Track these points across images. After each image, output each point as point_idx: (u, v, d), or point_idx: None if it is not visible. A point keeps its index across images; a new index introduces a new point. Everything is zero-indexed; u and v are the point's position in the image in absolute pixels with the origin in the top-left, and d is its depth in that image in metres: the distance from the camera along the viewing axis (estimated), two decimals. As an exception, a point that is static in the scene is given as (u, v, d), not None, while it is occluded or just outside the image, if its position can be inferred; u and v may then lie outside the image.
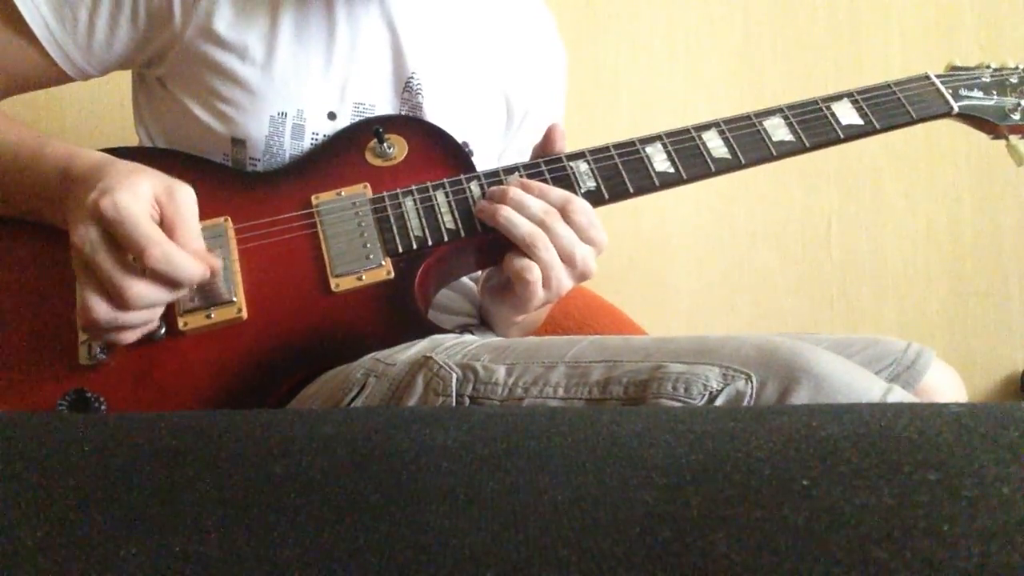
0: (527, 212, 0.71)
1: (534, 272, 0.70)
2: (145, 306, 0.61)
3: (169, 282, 0.61)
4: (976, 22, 1.52)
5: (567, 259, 0.71)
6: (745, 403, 0.52)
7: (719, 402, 0.53)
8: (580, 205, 0.72)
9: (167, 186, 0.63)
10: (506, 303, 0.77)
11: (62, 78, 0.79)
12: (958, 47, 1.52)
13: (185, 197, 0.63)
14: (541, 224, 0.70)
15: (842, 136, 0.79)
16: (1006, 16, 1.52)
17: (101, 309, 0.60)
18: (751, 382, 0.53)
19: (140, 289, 0.60)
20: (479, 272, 0.93)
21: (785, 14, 1.50)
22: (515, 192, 0.72)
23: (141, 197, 0.60)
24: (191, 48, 0.76)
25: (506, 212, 0.71)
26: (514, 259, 0.71)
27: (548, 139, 0.78)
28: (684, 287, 1.50)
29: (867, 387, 0.52)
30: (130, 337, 0.63)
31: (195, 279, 0.62)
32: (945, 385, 0.72)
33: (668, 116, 1.46)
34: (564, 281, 0.71)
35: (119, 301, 0.60)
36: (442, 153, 0.79)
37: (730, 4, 1.49)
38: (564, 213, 0.71)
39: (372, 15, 0.80)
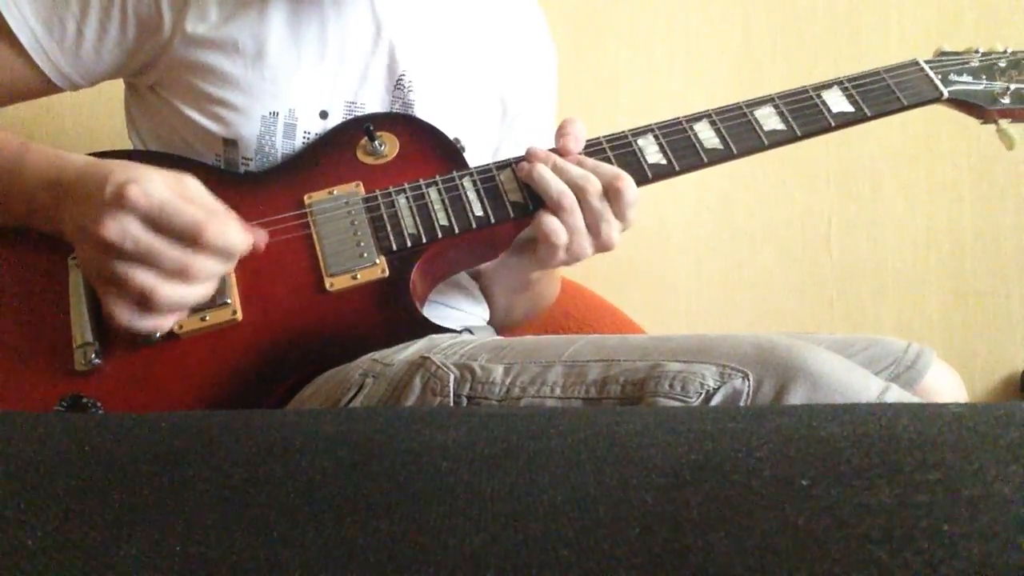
0: (564, 175, 0.73)
1: (560, 237, 0.73)
2: (209, 278, 0.64)
3: (225, 255, 0.63)
4: (976, 23, 1.52)
5: (593, 228, 0.73)
6: (742, 401, 0.52)
7: (716, 400, 0.53)
8: (629, 183, 0.73)
9: (169, 173, 0.64)
10: (525, 256, 0.80)
11: (51, 88, 0.78)
12: (957, 46, 1.52)
13: (195, 181, 0.64)
14: (576, 189, 0.73)
15: (833, 124, 0.79)
16: (1006, 16, 1.52)
17: (171, 290, 0.62)
18: (748, 380, 0.53)
19: (205, 263, 0.62)
20: (476, 268, 0.93)
21: (785, 14, 1.50)
22: (556, 158, 0.75)
23: (162, 183, 0.61)
24: (181, 53, 0.75)
25: (540, 169, 0.74)
26: (546, 219, 0.73)
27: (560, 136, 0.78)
28: (684, 287, 1.50)
29: (864, 386, 0.52)
30: (171, 322, 0.65)
31: (247, 249, 0.65)
32: (945, 385, 0.72)
33: (668, 116, 1.46)
34: (586, 249, 0.74)
35: (187, 278, 0.62)
36: (434, 149, 0.79)
37: (730, 4, 1.49)
38: (611, 187, 0.73)
39: (360, 14, 0.80)
